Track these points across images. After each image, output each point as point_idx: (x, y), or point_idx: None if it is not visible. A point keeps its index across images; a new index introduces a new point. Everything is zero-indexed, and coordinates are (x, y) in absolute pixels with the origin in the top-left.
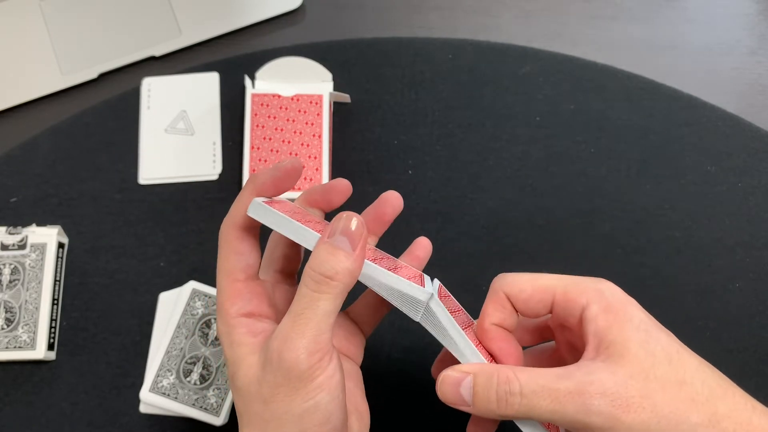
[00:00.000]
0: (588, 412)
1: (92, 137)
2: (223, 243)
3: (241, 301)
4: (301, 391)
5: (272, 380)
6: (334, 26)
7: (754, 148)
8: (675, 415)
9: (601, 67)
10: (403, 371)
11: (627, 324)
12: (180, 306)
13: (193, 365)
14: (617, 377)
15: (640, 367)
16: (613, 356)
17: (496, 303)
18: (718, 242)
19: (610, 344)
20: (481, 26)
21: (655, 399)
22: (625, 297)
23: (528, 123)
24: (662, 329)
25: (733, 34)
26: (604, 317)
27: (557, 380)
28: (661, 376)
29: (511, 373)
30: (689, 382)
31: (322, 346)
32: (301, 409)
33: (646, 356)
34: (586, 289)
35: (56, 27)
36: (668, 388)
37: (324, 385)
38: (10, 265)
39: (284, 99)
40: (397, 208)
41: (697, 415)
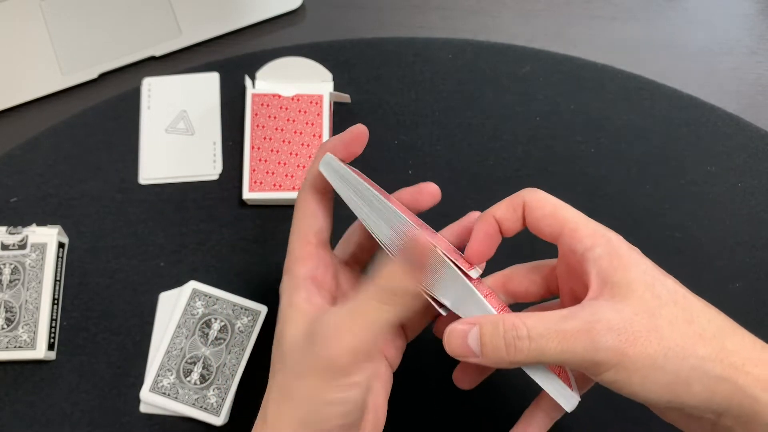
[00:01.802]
0: (596, 348)
1: (92, 137)
2: (299, 204)
3: (310, 263)
4: (335, 383)
5: (312, 362)
6: (334, 26)
7: (754, 148)
8: (682, 349)
9: (601, 67)
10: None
11: (632, 268)
12: (180, 306)
13: (194, 365)
14: (623, 314)
15: (645, 307)
16: (617, 296)
17: (510, 204)
18: (718, 242)
19: (614, 285)
20: (481, 26)
21: (661, 333)
22: (630, 246)
23: (528, 123)
24: (668, 276)
25: (733, 34)
26: (609, 260)
27: (563, 321)
28: (667, 315)
29: (517, 320)
30: (696, 321)
31: (370, 351)
32: (330, 398)
33: (651, 298)
34: (594, 233)
35: (56, 27)
36: (675, 324)
37: (358, 384)
38: (10, 265)
39: (284, 99)
40: (436, 198)
41: (705, 348)
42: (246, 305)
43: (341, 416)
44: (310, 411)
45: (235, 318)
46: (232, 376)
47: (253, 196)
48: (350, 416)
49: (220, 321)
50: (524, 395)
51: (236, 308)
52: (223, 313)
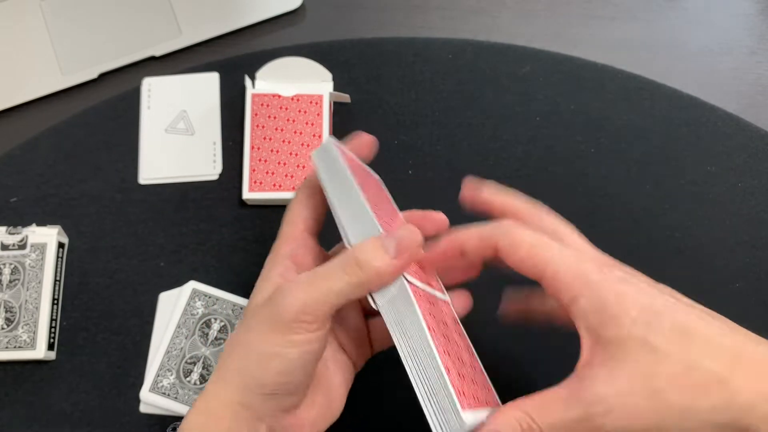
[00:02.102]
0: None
1: (92, 137)
2: (294, 197)
3: (293, 243)
4: (279, 336)
5: (261, 314)
6: (334, 26)
7: (754, 148)
8: (687, 408)
9: (601, 67)
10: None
11: (623, 318)
12: (180, 306)
13: (193, 365)
14: (619, 385)
15: (642, 369)
16: (612, 359)
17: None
18: (718, 242)
19: (606, 344)
20: (481, 26)
21: (661, 397)
22: (620, 278)
23: (528, 123)
24: (665, 297)
25: (733, 34)
26: (596, 314)
27: (568, 407)
28: (666, 372)
29: (533, 423)
30: (699, 366)
31: (318, 315)
32: (269, 351)
33: (646, 354)
34: (576, 279)
35: (56, 27)
36: (676, 381)
37: (299, 345)
38: (10, 265)
39: (284, 99)
40: (441, 228)
41: (710, 399)
42: (246, 305)
43: (279, 373)
44: (251, 360)
45: (235, 318)
46: None
47: (253, 196)
48: (289, 376)
49: (220, 321)
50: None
51: (236, 308)
52: (223, 313)
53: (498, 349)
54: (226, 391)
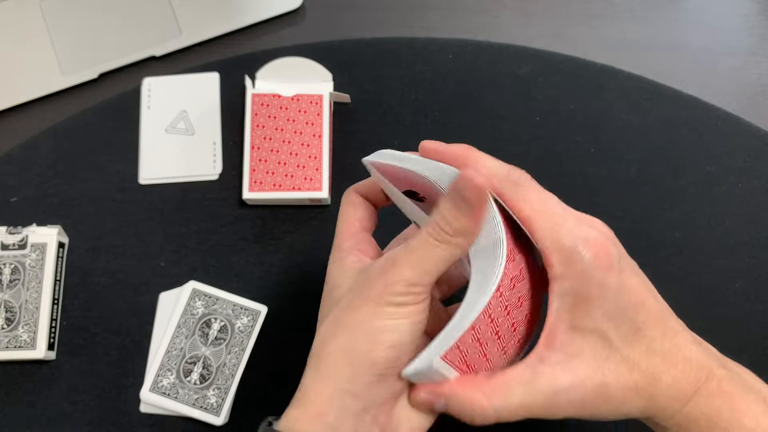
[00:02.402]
0: (554, 414)
1: (92, 137)
2: (343, 200)
3: (353, 240)
4: (388, 309)
5: (366, 293)
6: (334, 26)
7: (754, 148)
8: (619, 401)
9: (601, 67)
10: None
11: (595, 313)
12: (180, 306)
13: (193, 365)
14: (578, 378)
15: (597, 360)
16: (573, 345)
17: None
18: (718, 242)
19: (572, 328)
20: (481, 26)
21: (607, 391)
22: (608, 265)
23: (528, 123)
24: (636, 292)
25: (733, 34)
26: (574, 301)
27: (526, 392)
28: (614, 368)
29: (486, 402)
30: (637, 367)
31: (424, 284)
32: (382, 324)
33: (603, 347)
34: (568, 258)
35: (56, 27)
36: (620, 378)
37: (410, 316)
38: (10, 265)
39: (284, 99)
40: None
41: (638, 400)
42: (246, 305)
43: (389, 346)
44: (359, 337)
45: (235, 318)
46: (232, 376)
47: (253, 196)
48: (397, 349)
49: (220, 321)
50: None
51: (236, 308)
52: (223, 313)
53: None
54: (330, 379)
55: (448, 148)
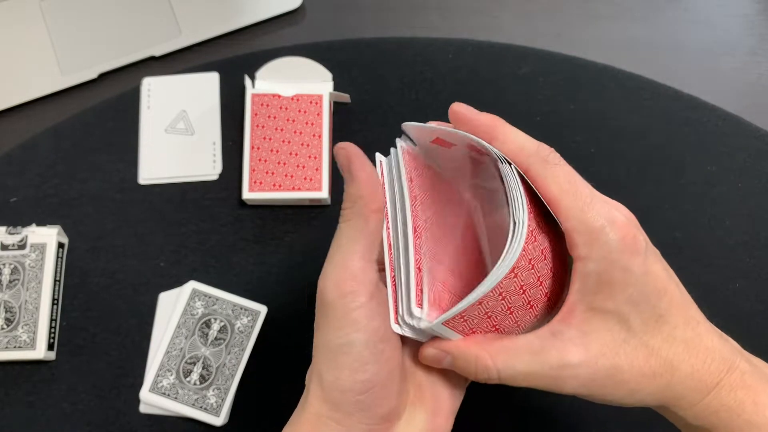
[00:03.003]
0: (560, 389)
1: (92, 137)
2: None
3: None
4: (336, 323)
5: (317, 311)
6: (334, 26)
7: (754, 148)
8: (636, 389)
9: (601, 67)
10: None
11: (618, 296)
12: (180, 306)
13: (193, 365)
14: (590, 355)
15: (613, 342)
16: (590, 324)
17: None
18: (718, 242)
19: (591, 308)
20: (481, 26)
21: (620, 374)
22: (633, 251)
23: (528, 123)
24: (662, 281)
25: (733, 34)
26: (597, 282)
27: (533, 361)
28: (630, 353)
29: (490, 362)
30: (656, 353)
31: (352, 275)
32: (335, 344)
33: (620, 330)
34: (592, 239)
35: (56, 27)
36: (635, 363)
37: (360, 324)
38: (10, 265)
39: (284, 99)
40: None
41: (653, 385)
42: (246, 305)
43: (353, 371)
44: (322, 364)
45: (235, 318)
46: (232, 377)
47: (252, 196)
48: (365, 373)
49: (220, 321)
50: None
51: (236, 308)
52: (223, 313)
53: None
54: (315, 405)
55: (478, 116)
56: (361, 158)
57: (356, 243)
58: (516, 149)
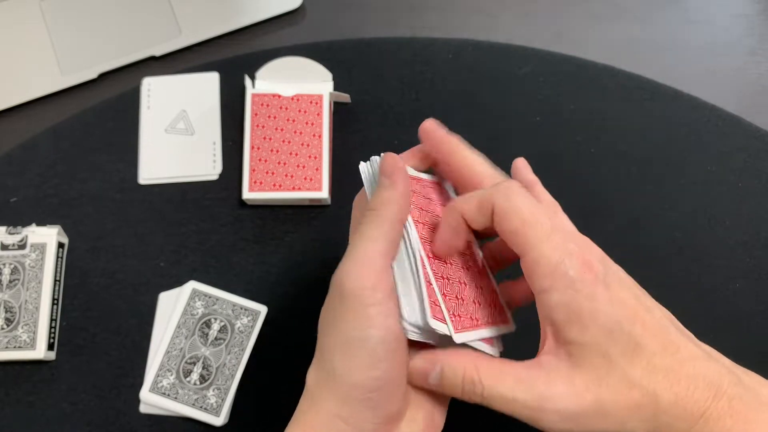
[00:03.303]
0: (539, 422)
1: (92, 137)
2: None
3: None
4: (354, 315)
5: (329, 305)
6: (334, 26)
7: (754, 148)
8: (621, 423)
9: (601, 67)
10: None
11: (590, 325)
12: (180, 306)
13: (193, 365)
14: (575, 389)
15: (596, 374)
16: (572, 358)
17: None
18: (718, 242)
19: (569, 344)
20: (481, 26)
21: (604, 408)
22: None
23: (528, 123)
24: (632, 306)
25: (733, 34)
26: (566, 313)
27: (517, 388)
28: (613, 384)
29: (476, 376)
30: (638, 384)
31: (371, 270)
32: (352, 336)
33: (602, 362)
34: (554, 271)
35: (56, 27)
36: (619, 395)
37: (376, 321)
38: (10, 265)
39: (284, 99)
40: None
41: (639, 417)
42: (246, 305)
43: (366, 367)
44: (336, 358)
45: (235, 318)
46: (232, 377)
47: (252, 196)
48: (378, 370)
49: (220, 321)
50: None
51: (236, 308)
52: (223, 313)
53: None
54: (323, 402)
55: (442, 136)
56: (405, 172)
57: (379, 243)
58: (477, 178)
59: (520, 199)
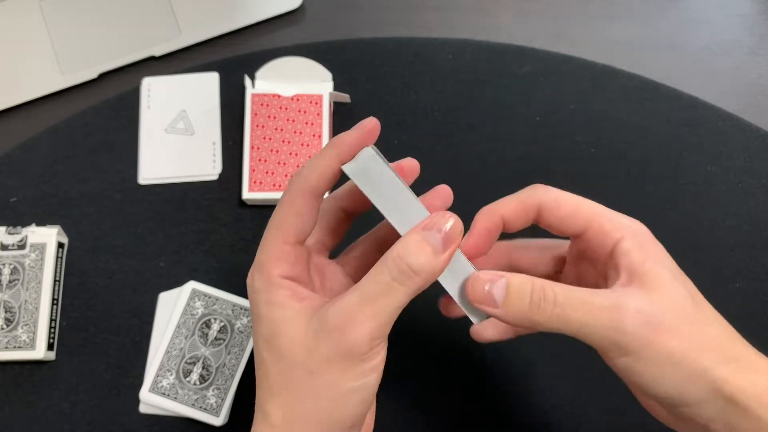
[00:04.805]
0: (622, 329)
1: (92, 137)
2: (286, 201)
3: (286, 264)
4: (355, 370)
5: (326, 354)
6: (334, 26)
7: (754, 148)
8: (696, 352)
9: (601, 67)
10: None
11: (659, 262)
12: (180, 306)
13: (193, 365)
14: (653, 304)
15: (673, 303)
16: (648, 286)
17: (521, 205)
18: (718, 242)
19: (644, 275)
20: (481, 26)
21: (684, 332)
22: (656, 241)
23: (528, 123)
24: (684, 276)
25: (733, 34)
26: (638, 252)
27: (593, 294)
28: (690, 314)
29: (547, 284)
30: (710, 326)
31: (385, 333)
32: (349, 387)
33: (677, 292)
34: (622, 226)
35: (56, 27)
36: (695, 326)
37: (377, 367)
38: (9, 265)
39: (284, 99)
40: (447, 203)
41: (712, 355)
42: (246, 305)
43: (361, 403)
44: (331, 404)
45: (235, 318)
46: (232, 377)
47: (252, 196)
48: (367, 403)
49: (220, 321)
50: (520, 394)
51: (236, 308)
52: (223, 314)
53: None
54: None
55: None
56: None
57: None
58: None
59: (558, 191)
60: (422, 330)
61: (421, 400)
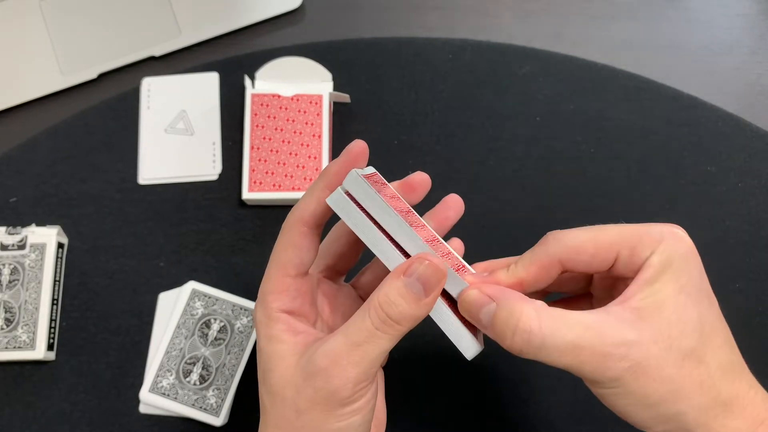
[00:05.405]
0: (604, 373)
1: (92, 137)
2: (285, 234)
3: (286, 297)
4: (337, 412)
5: (311, 395)
6: (334, 26)
7: (754, 148)
8: (679, 393)
9: (601, 67)
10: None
11: (673, 282)
12: (180, 306)
13: (193, 365)
14: (642, 338)
15: (667, 334)
16: (646, 310)
17: (543, 268)
18: (718, 242)
19: (648, 295)
20: (481, 26)
21: (669, 372)
22: (686, 252)
23: (528, 123)
24: (706, 296)
25: (733, 34)
26: (655, 269)
27: (583, 334)
28: (683, 349)
29: (536, 322)
30: (705, 362)
31: (370, 377)
32: (335, 428)
33: (676, 323)
34: (651, 242)
35: (56, 27)
36: (685, 365)
37: (361, 409)
38: (9, 265)
39: (284, 99)
40: (460, 212)
41: (699, 398)
42: (246, 305)
43: None
44: None
45: (235, 318)
46: (232, 377)
47: (252, 196)
48: None
49: (220, 321)
50: (518, 393)
51: (236, 308)
52: (223, 314)
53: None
54: None
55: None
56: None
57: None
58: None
59: (570, 233)
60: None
61: (421, 400)
